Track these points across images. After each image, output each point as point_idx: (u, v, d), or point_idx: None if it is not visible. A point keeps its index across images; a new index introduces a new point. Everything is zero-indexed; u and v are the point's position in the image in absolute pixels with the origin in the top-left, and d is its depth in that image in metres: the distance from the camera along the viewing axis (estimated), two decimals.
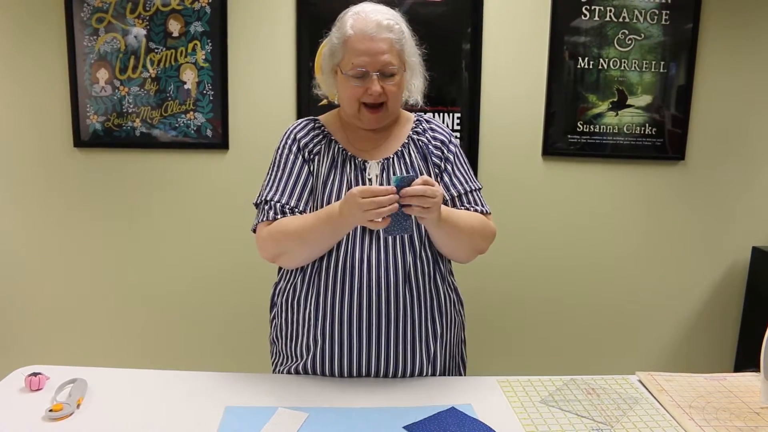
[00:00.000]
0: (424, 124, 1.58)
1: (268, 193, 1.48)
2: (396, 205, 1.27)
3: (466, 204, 1.54)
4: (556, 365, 2.80)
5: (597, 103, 2.63)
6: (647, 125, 2.65)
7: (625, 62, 2.61)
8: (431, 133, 1.56)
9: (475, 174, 2.59)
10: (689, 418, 1.32)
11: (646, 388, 1.47)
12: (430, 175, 1.50)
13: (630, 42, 2.60)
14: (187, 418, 1.24)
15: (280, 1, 2.52)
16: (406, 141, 1.54)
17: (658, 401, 1.41)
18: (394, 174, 1.49)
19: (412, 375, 1.49)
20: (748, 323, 2.81)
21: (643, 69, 2.62)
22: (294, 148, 1.51)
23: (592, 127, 2.65)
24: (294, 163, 1.50)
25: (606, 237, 2.76)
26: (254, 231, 1.50)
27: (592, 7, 2.57)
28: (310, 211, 1.47)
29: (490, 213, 1.59)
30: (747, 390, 1.45)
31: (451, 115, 2.60)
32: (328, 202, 1.45)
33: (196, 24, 2.51)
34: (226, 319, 2.69)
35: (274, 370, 1.59)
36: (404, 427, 1.25)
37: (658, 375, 1.52)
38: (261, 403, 1.34)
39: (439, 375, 1.53)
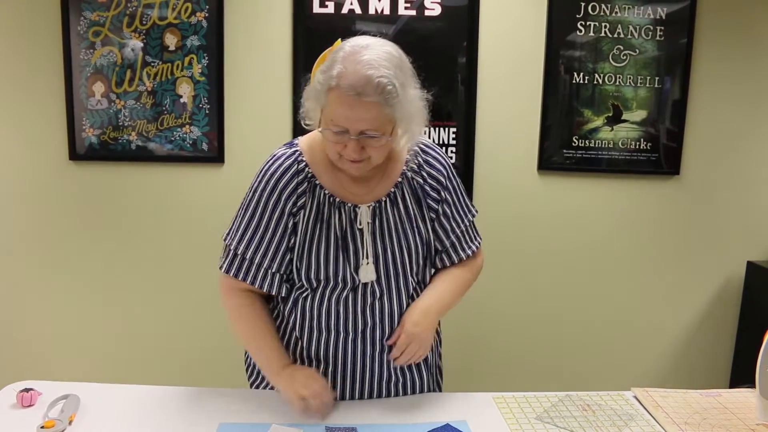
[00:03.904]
0: (419, 157, 1.43)
1: (238, 243, 1.36)
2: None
3: (460, 252, 1.48)
4: (551, 381, 2.78)
5: (592, 117, 2.64)
6: (642, 140, 2.66)
7: (620, 77, 2.62)
8: (427, 169, 1.43)
9: (471, 190, 2.65)
10: None
11: (642, 405, 1.46)
12: (424, 220, 1.42)
13: (625, 57, 2.61)
14: None
15: (276, 16, 2.53)
16: (400, 179, 1.41)
17: (654, 417, 1.40)
18: (386, 219, 1.40)
19: (397, 395, 1.48)
20: (743, 338, 2.81)
21: (638, 84, 2.63)
22: (273, 199, 1.35)
23: (587, 141, 2.66)
24: (271, 217, 1.35)
25: (601, 251, 2.76)
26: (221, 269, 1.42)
27: (587, 23, 2.58)
28: (286, 270, 1.38)
29: (480, 246, 1.54)
30: (742, 406, 1.45)
31: (446, 129, 2.60)
32: (317, 262, 1.36)
33: (192, 38, 2.52)
34: (220, 334, 2.67)
35: (253, 386, 1.56)
36: None
37: (654, 391, 1.52)
38: (254, 420, 1.33)
39: (419, 392, 1.51)
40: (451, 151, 2.61)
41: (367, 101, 1.20)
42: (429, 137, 2.59)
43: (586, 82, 2.62)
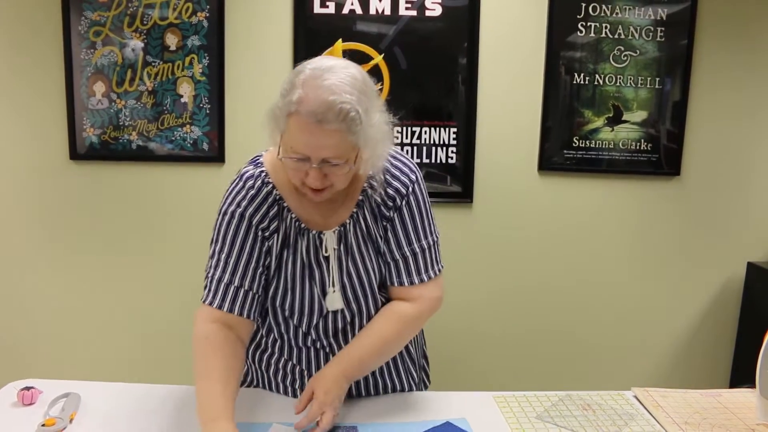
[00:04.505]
0: (379, 176, 1.34)
1: (215, 270, 1.32)
2: None
3: (403, 276, 1.38)
4: (551, 381, 2.79)
5: (593, 118, 2.64)
6: (643, 140, 2.66)
7: (620, 78, 2.62)
8: (385, 188, 1.35)
9: (471, 190, 2.65)
10: None
11: (642, 404, 1.46)
12: (380, 238, 1.37)
13: (626, 58, 2.61)
14: None
15: (277, 16, 2.53)
16: (361, 198, 1.35)
17: (654, 417, 1.40)
18: (351, 242, 1.35)
19: (385, 392, 1.49)
20: (743, 339, 2.81)
21: (639, 85, 2.63)
22: (244, 225, 1.31)
23: (587, 142, 2.66)
24: (244, 241, 1.31)
25: (601, 252, 2.76)
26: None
27: (588, 24, 2.59)
28: (261, 289, 1.34)
29: (436, 276, 1.41)
30: (743, 406, 1.45)
31: (447, 129, 2.60)
32: (284, 288, 1.35)
33: (193, 38, 2.52)
34: None
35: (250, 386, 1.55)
36: None
37: (654, 391, 1.52)
38: (255, 419, 1.34)
39: (408, 391, 1.52)
40: (452, 152, 2.61)
41: (329, 128, 1.13)
42: (430, 137, 2.59)
43: (586, 82, 2.62)
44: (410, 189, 1.36)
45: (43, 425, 1.25)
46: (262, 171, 1.33)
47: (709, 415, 1.41)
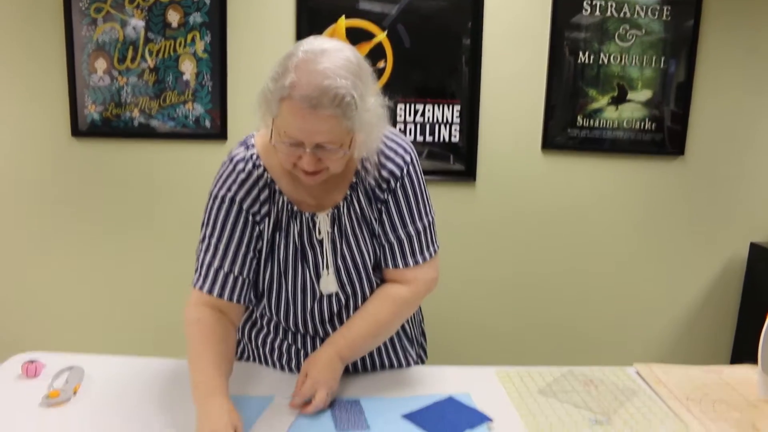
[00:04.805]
0: (373, 158, 1.31)
1: (205, 255, 1.30)
2: None
3: (398, 258, 1.36)
4: (553, 357, 2.81)
5: (597, 97, 2.63)
6: (647, 120, 2.65)
7: (625, 57, 2.60)
8: (379, 169, 1.32)
9: (474, 169, 2.65)
10: (687, 410, 1.32)
11: (644, 380, 1.47)
12: (375, 220, 1.35)
13: (631, 37, 2.59)
14: (184, 406, 1.23)
15: None
16: (354, 181, 1.33)
17: (656, 392, 1.40)
18: (344, 225, 1.33)
19: (382, 369, 1.49)
20: (744, 318, 2.82)
21: (644, 64, 2.61)
22: (234, 209, 1.29)
23: (591, 121, 2.64)
24: (234, 226, 1.29)
25: (604, 231, 2.76)
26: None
27: (593, 3, 2.56)
28: (253, 275, 1.33)
29: (431, 258, 1.39)
30: (744, 382, 1.45)
31: (450, 107, 2.59)
32: (278, 272, 1.34)
33: (195, 15, 2.50)
34: None
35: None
36: (403, 416, 1.25)
37: (656, 366, 1.52)
38: (257, 393, 1.34)
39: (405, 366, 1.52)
40: (455, 130, 2.60)
41: (324, 114, 1.11)
42: (433, 115, 2.58)
43: (591, 61, 2.61)
44: (405, 171, 1.33)
45: (47, 397, 1.26)
46: (253, 153, 1.31)
47: (711, 390, 1.41)
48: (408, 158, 1.35)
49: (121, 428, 1.18)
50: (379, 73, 2.51)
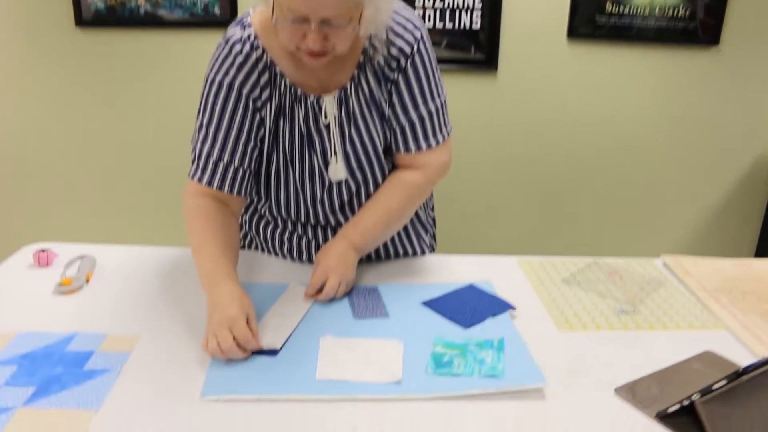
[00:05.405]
0: (381, 35, 1.21)
1: (203, 145, 1.22)
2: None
3: (410, 142, 1.28)
4: (576, 249, 2.79)
5: None
6: (681, 7, 2.48)
7: None
8: (388, 47, 1.22)
9: (496, 58, 2.52)
10: (716, 301, 1.28)
11: (671, 272, 1.42)
12: (384, 102, 1.26)
13: None
14: (197, 294, 1.20)
15: None
16: (361, 59, 1.23)
17: (684, 284, 1.36)
18: (352, 107, 1.24)
19: (396, 257, 1.45)
20: None
21: None
22: (233, 96, 1.20)
23: (621, 7, 2.48)
24: (234, 114, 1.21)
25: (633, 123, 2.66)
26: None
27: None
28: (254, 165, 1.26)
29: (444, 140, 1.31)
30: None
31: None
32: (284, 160, 1.26)
33: None
34: None
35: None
36: (422, 303, 1.21)
37: (684, 259, 1.47)
38: (271, 280, 1.31)
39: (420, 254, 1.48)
40: (476, 16, 2.46)
41: None
42: (454, 0, 2.43)
43: None
44: (415, 48, 1.23)
45: (60, 284, 1.24)
46: (250, 34, 1.20)
47: (741, 283, 1.37)
48: (418, 34, 1.24)
49: (135, 315, 1.17)
50: None
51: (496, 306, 1.20)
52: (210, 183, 1.23)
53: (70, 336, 1.08)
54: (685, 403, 0.88)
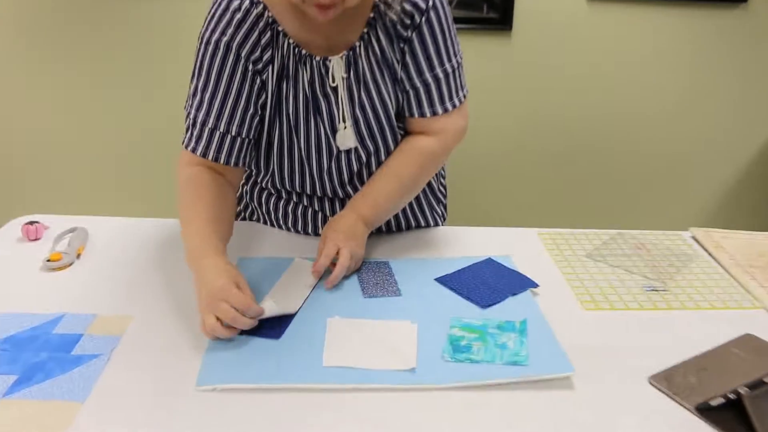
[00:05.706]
0: None
1: (197, 112, 1.13)
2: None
3: (425, 106, 1.19)
4: (598, 221, 2.70)
5: None
6: None
7: None
8: (401, 2, 1.12)
9: (511, 19, 2.40)
10: (751, 277, 1.19)
11: (701, 245, 1.33)
12: (397, 62, 1.16)
13: None
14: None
15: None
16: (372, 16, 1.13)
17: (715, 259, 1.27)
18: (361, 69, 1.14)
19: (408, 229, 1.36)
20: None
21: None
22: (231, 58, 1.10)
23: None
24: (232, 77, 1.11)
25: (656, 87, 2.54)
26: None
27: None
28: (254, 133, 1.16)
29: (460, 104, 1.22)
30: None
31: None
32: (288, 127, 1.17)
33: None
34: None
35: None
36: (436, 279, 1.13)
37: (715, 232, 1.38)
38: (275, 254, 1.23)
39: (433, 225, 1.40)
40: None
41: None
42: None
43: None
44: (430, 2, 1.13)
45: (48, 260, 1.16)
46: None
47: None
48: None
49: (128, 294, 1.09)
50: None
51: (517, 283, 1.11)
52: (205, 154, 1.14)
53: (58, 317, 1.01)
54: (732, 396, 0.80)
